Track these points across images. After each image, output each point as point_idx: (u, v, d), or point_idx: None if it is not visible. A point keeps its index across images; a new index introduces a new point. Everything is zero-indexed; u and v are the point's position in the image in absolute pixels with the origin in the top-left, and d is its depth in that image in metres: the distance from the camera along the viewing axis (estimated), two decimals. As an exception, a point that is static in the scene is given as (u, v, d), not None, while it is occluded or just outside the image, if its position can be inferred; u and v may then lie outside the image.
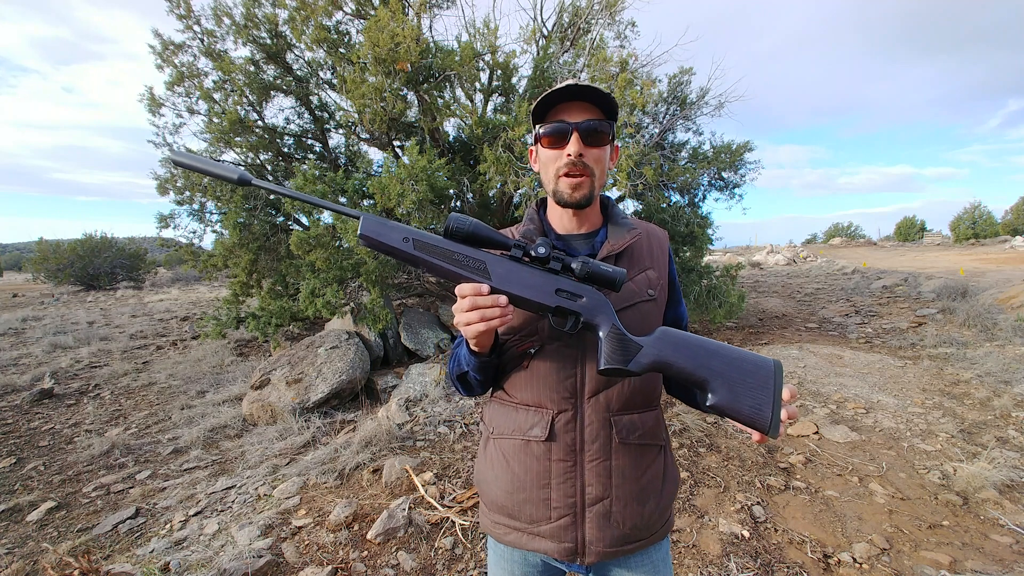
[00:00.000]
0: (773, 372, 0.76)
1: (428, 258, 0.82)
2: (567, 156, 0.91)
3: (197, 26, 5.55)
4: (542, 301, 0.83)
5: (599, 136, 0.91)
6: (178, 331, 8.10)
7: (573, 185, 0.92)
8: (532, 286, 0.82)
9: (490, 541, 1.08)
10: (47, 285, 16.11)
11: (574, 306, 0.82)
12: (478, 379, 0.97)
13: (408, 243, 0.82)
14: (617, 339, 0.81)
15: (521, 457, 0.96)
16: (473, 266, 0.82)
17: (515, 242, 0.85)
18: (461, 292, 0.80)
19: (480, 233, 0.83)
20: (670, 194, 6.06)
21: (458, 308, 0.81)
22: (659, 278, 1.00)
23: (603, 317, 0.83)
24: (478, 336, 0.83)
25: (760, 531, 2.40)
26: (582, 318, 0.83)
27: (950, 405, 3.83)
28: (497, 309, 0.78)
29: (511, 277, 0.82)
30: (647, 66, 5.66)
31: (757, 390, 0.75)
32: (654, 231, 1.07)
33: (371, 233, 0.81)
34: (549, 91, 0.90)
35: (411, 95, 5.20)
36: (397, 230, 0.82)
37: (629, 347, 0.80)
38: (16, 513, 2.92)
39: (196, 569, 2.22)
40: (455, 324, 0.82)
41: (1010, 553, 2.21)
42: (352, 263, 4.78)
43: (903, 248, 22.68)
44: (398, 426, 3.68)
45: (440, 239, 0.83)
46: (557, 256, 0.84)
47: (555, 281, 0.83)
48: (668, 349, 0.80)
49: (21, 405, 4.73)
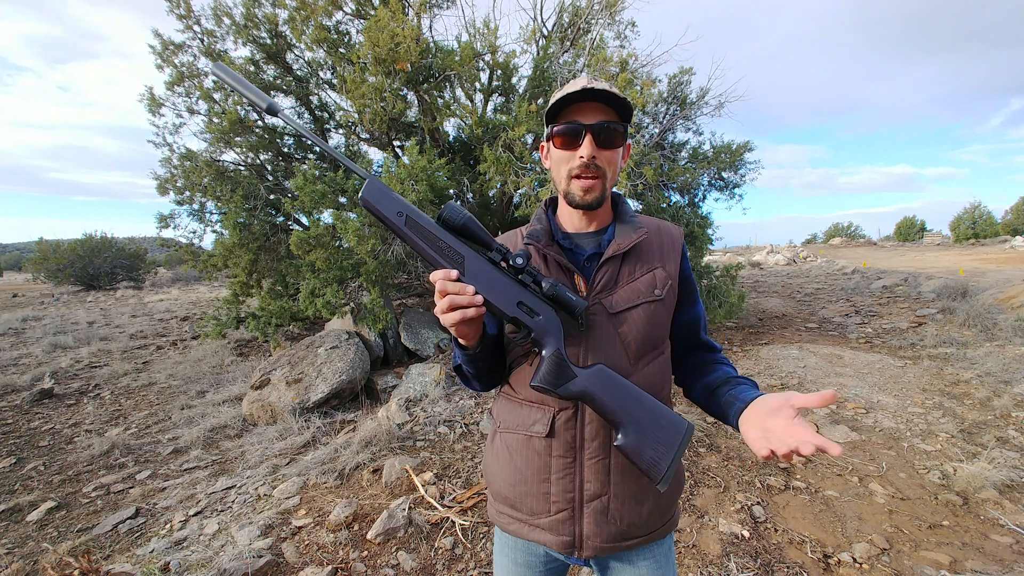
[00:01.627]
0: (683, 433, 0.83)
1: (414, 237, 0.85)
2: (580, 158, 0.91)
3: (197, 26, 5.55)
4: (502, 308, 0.86)
5: (612, 138, 0.92)
6: (178, 331, 8.10)
7: (585, 188, 0.94)
8: (498, 291, 0.86)
9: (496, 529, 1.12)
10: (47, 285, 16.12)
11: (529, 322, 0.87)
12: (471, 372, 0.99)
13: (401, 217, 0.84)
14: (556, 362, 0.86)
15: (523, 451, 0.99)
16: (452, 257, 0.85)
17: (497, 245, 0.87)
18: (433, 277, 0.82)
19: (470, 228, 0.86)
20: (670, 194, 6.06)
21: (436, 296, 0.83)
22: (668, 277, 0.99)
23: (551, 339, 0.87)
24: (455, 325, 0.85)
25: (760, 531, 2.41)
26: (532, 333, 0.87)
27: (950, 405, 3.83)
28: (466, 297, 0.80)
29: (481, 276, 0.85)
30: (647, 66, 5.67)
31: (662, 444, 0.81)
32: (667, 229, 1.06)
33: (371, 198, 0.85)
34: (565, 92, 0.90)
35: (411, 95, 5.20)
36: (395, 202, 0.85)
37: (564, 373, 0.85)
38: (16, 513, 2.92)
39: (196, 569, 2.22)
40: (436, 313, 0.85)
41: (1010, 553, 2.21)
42: (352, 263, 4.78)
43: (903, 248, 22.68)
44: (398, 426, 3.68)
45: (431, 223, 0.86)
46: (530, 270, 0.88)
47: (520, 293, 0.87)
48: (597, 386, 0.85)
49: (21, 405, 4.73)
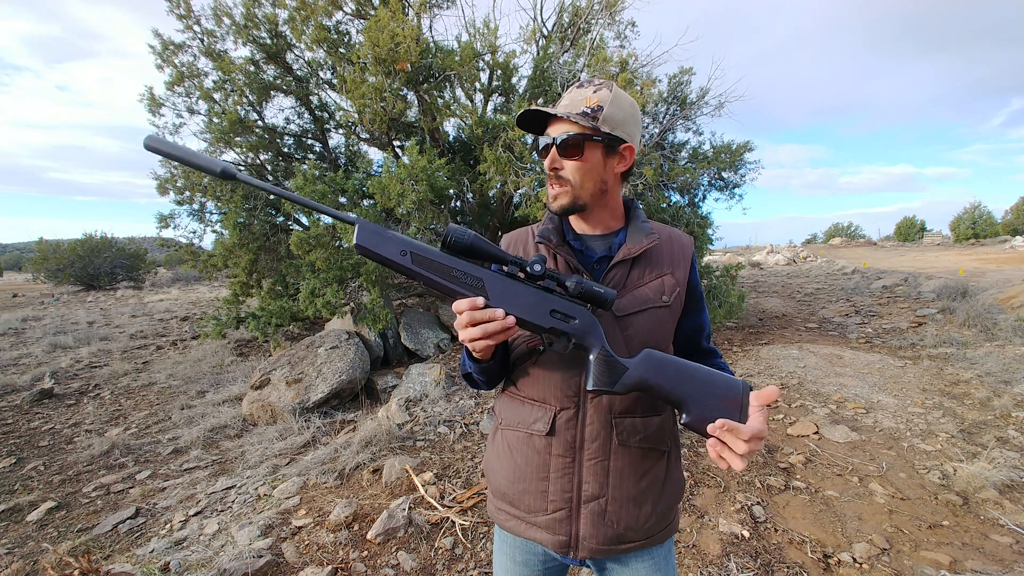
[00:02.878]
0: (741, 393, 0.82)
1: (426, 273, 0.81)
2: (548, 169, 0.97)
3: (197, 26, 5.55)
4: (537, 322, 0.84)
5: (574, 149, 0.93)
6: (178, 331, 8.10)
7: (553, 195, 0.98)
8: (527, 306, 0.84)
9: (495, 526, 1.13)
10: (47, 285, 16.11)
11: (567, 328, 0.85)
12: (483, 379, 1.01)
13: (406, 257, 0.81)
14: (605, 361, 0.84)
15: (523, 449, 1.00)
16: (471, 283, 0.82)
17: (512, 258, 0.85)
18: (458, 308, 0.81)
19: (478, 246, 0.83)
20: (670, 194, 6.05)
21: (459, 324, 0.82)
22: (676, 285, 1.01)
23: (593, 339, 0.86)
24: (484, 350, 0.86)
25: (760, 531, 2.40)
26: (573, 340, 0.85)
27: (950, 405, 3.83)
28: (497, 324, 0.79)
29: (507, 295, 0.83)
30: (647, 66, 5.66)
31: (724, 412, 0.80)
32: (678, 237, 1.07)
33: (367, 244, 0.80)
34: (523, 110, 0.95)
35: (411, 95, 5.20)
36: (395, 242, 0.81)
37: (616, 369, 0.84)
38: (16, 513, 2.92)
39: (196, 569, 2.22)
40: (460, 339, 0.84)
41: (1010, 553, 2.21)
42: (352, 263, 4.78)
43: (903, 248, 22.68)
44: (398, 426, 3.68)
45: (439, 253, 0.83)
46: (551, 274, 0.86)
47: (549, 301, 0.85)
48: (650, 372, 0.84)
49: (21, 405, 4.73)
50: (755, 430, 0.75)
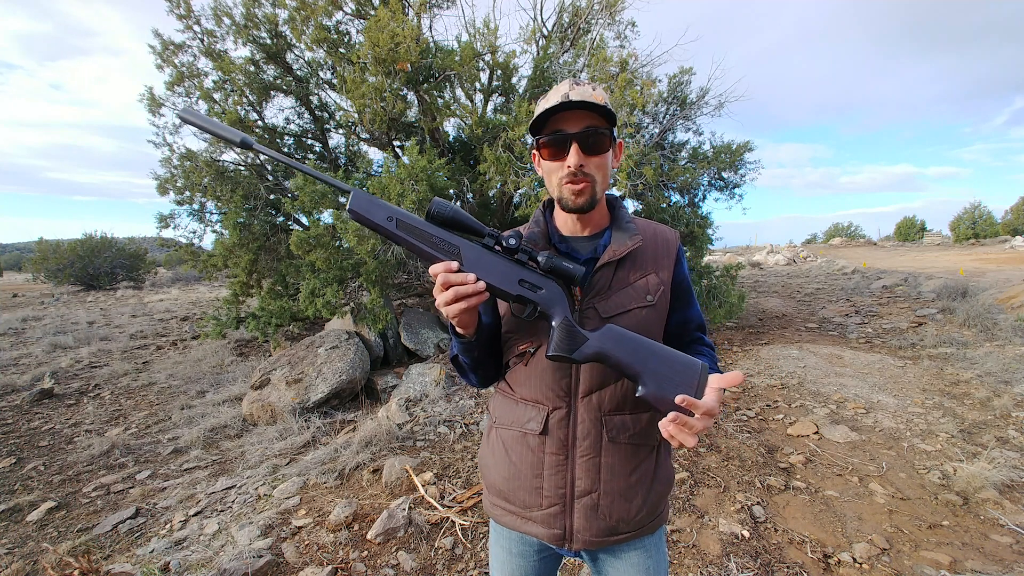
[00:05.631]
0: (699, 373, 0.85)
1: (408, 238, 0.88)
2: (567, 168, 0.93)
3: (197, 26, 5.55)
4: (505, 288, 0.90)
5: (599, 143, 0.94)
6: (178, 331, 8.10)
7: (576, 191, 0.96)
8: (498, 273, 0.89)
9: (491, 521, 1.16)
10: (47, 285, 16.12)
11: (533, 296, 0.90)
12: (467, 362, 1.02)
13: (391, 222, 0.87)
14: (566, 330, 0.88)
15: (518, 447, 1.03)
16: (448, 249, 0.88)
17: (489, 231, 0.91)
18: (434, 271, 0.85)
19: (459, 218, 0.88)
20: (670, 194, 6.05)
21: (436, 290, 0.85)
22: (660, 284, 1.01)
23: (557, 308, 0.89)
24: (459, 315, 0.87)
25: (760, 531, 2.41)
26: (539, 307, 0.90)
27: (950, 405, 3.83)
28: (469, 286, 0.83)
29: (481, 263, 0.89)
30: (647, 66, 5.67)
31: (681, 387, 0.84)
32: (662, 233, 1.07)
33: (359, 209, 0.87)
34: (546, 106, 0.92)
35: (411, 95, 5.20)
36: (383, 208, 0.88)
37: (576, 337, 0.88)
38: (16, 513, 2.92)
39: (196, 569, 2.22)
40: (437, 306, 0.87)
41: (1010, 553, 2.21)
42: (352, 263, 4.78)
43: (903, 248, 22.68)
44: (398, 426, 3.68)
45: (422, 221, 0.89)
46: (525, 248, 0.91)
47: (519, 271, 0.91)
48: (609, 344, 0.87)
49: (21, 405, 4.73)
50: (707, 406, 0.79)
